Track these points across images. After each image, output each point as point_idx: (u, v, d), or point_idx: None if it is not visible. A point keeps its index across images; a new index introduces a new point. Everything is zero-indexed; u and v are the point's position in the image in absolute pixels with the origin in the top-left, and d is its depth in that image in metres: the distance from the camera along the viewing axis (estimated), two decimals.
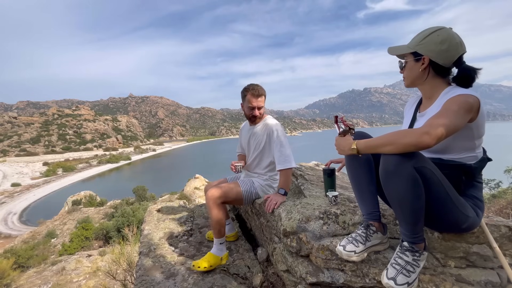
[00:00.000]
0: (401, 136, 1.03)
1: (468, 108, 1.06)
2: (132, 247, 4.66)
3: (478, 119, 1.11)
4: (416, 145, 1.00)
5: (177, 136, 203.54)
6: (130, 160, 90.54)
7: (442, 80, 1.24)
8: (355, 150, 1.16)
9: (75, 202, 28.20)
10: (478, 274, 1.25)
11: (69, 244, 16.92)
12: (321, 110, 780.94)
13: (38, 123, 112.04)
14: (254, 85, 2.05)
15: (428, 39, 1.19)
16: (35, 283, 8.26)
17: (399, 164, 1.05)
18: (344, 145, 1.22)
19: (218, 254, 1.90)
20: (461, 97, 1.09)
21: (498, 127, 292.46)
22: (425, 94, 1.32)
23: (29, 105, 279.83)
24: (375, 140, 1.11)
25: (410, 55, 1.26)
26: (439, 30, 1.18)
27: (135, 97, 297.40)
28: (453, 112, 1.05)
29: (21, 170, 70.60)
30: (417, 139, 0.99)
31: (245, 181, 2.12)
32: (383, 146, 1.07)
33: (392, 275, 1.10)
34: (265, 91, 2.05)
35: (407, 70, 1.29)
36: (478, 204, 1.20)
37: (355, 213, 1.49)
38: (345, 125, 1.30)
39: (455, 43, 1.16)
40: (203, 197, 18.17)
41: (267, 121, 2.10)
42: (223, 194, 1.93)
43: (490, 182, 10.17)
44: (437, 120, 1.03)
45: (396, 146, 1.04)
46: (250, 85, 2.05)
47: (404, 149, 1.03)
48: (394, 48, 1.33)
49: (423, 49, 1.20)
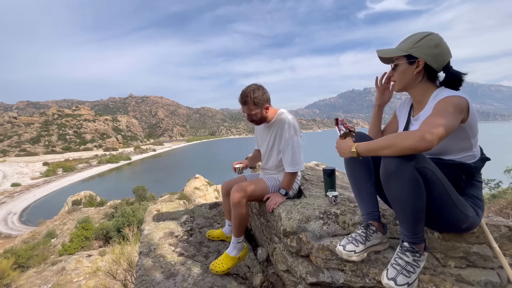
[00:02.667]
0: (400, 139, 1.04)
1: (460, 108, 1.07)
2: (132, 247, 4.66)
3: (469, 119, 1.12)
4: (414, 148, 1.01)
5: (177, 136, 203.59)
6: (130, 160, 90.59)
7: (432, 84, 1.25)
8: (355, 153, 1.17)
9: (75, 202, 28.23)
10: (478, 274, 1.25)
11: (69, 244, 16.94)
12: (321, 110, 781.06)
13: (38, 123, 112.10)
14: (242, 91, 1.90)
15: (422, 42, 1.19)
16: (35, 283, 8.26)
17: (400, 165, 1.05)
18: (345, 148, 1.23)
19: (236, 254, 1.87)
20: (452, 98, 1.10)
21: (498, 127, 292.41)
22: (415, 98, 1.32)
23: (29, 105, 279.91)
24: (374, 143, 1.12)
25: (403, 58, 1.24)
26: (431, 34, 1.19)
27: (135, 97, 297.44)
28: (447, 112, 1.05)
29: (21, 170, 70.64)
30: (415, 142, 1.00)
31: (269, 178, 2.03)
32: (382, 149, 1.08)
33: (392, 276, 1.10)
34: (253, 96, 1.86)
35: (399, 73, 1.28)
36: (478, 203, 1.21)
37: (355, 213, 1.49)
38: (346, 128, 1.30)
39: (446, 48, 1.19)
40: (203, 197, 18.19)
41: (281, 116, 1.95)
42: (250, 193, 1.87)
43: (490, 182, 10.17)
44: (433, 122, 1.03)
45: (395, 149, 1.04)
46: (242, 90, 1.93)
47: (402, 152, 1.04)
48: (385, 50, 1.32)
49: (418, 52, 1.19)
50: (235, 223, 1.85)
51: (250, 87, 1.89)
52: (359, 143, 1.18)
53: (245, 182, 1.97)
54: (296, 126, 1.92)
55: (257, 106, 1.89)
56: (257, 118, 1.95)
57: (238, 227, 1.85)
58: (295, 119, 1.97)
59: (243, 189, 1.84)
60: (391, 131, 1.54)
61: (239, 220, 1.84)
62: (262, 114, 1.94)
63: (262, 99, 1.89)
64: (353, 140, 1.25)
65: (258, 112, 1.92)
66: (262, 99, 1.89)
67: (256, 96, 1.87)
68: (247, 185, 1.89)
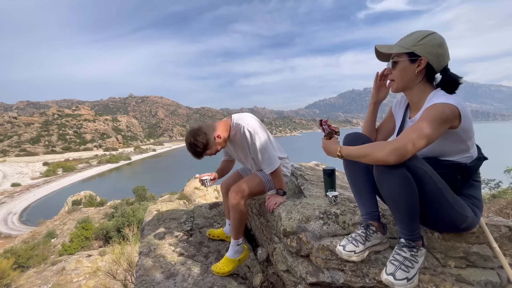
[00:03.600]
0: (374, 150, 1.09)
1: (443, 119, 1.05)
2: (132, 247, 4.66)
3: (462, 125, 1.09)
4: (384, 162, 1.06)
5: (177, 136, 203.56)
6: (130, 160, 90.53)
7: (430, 85, 1.22)
8: (340, 156, 1.23)
9: (75, 202, 28.21)
10: (478, 274, 1.25)
11: (69, 244, 16.93)
12: (321, 110, 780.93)
13: (38, 123, 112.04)
14: (187, 146, 1.82)
15: (425, 40, 1.16)
16: (35, 283, 8.26)
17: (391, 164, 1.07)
18: (332, 149, 1.28)
19: (235, 257, 1.86)
20: (437, 107, 1.07)
21: (498, 127, 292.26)
22: (411, 100, 1.29)
23: (29, 105, 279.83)
24: (355, 150, 1.17)
25: (404, 56, 1.20)
26: (434, 33, 1.16)
27: (135, 97, 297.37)
28: (427, 123, 1.04)
29: (21, 170, 70.61)
30: (385, 156, 1.05)
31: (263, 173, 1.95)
32: (360, 157, 1.14)
33: (391, 271, 1.11)
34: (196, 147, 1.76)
35: (399, 71, 1.23)
36: (476, 203, 1.20)
37: (355, 213, 1.49)
38: (330, 128, 1.34)
39: (447, 49, 1.17)
40: (203, 197, 18.18)
41: (236, 128, 1.85)
42: (249, 192, 1.84)
43: (490, 182, 10.17)
44: (410, 133, 1.05)
45: (369, 159, 1.11)
46: None
47: (375, 163, 1.10)
48: (385, 46, 1.27)
49: (421, 50, 1.15)
50: (234, 225, 1.84)
51: (187, 140, 1.80)
52: (343, 146, 1.23)
53: (241, 181, 1.93)
54: (253, 127, 1.80)
55: (209, 146, 1.80)
56: (220, 148, 1.89)
57: (236, 229, 1.84)
58: (252, 117, 1.89)
59: (241, 190, 1.83)
60: (386, 129, 1.54)
61: (238, 221, 1.83)
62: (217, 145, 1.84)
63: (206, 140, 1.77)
64: (337, 140, 1.32)
65: (214, 148, 1.84)
66: (206, 139, 1.78)
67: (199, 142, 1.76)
68: (244, 184, 1.87)
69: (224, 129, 1.87)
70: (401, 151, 1.02)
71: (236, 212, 1.81)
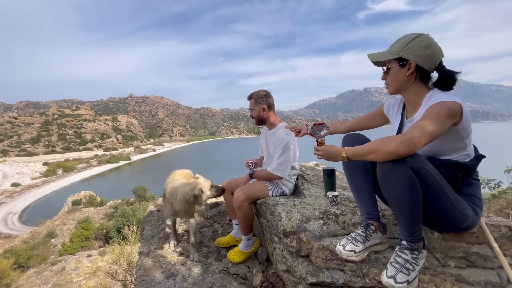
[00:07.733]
0: (382, 145, 1.06)
1: (449, 114, 1.06)
2: (132, 247, 4.66)
3: (462, 122, 1.11)
4: (394, 153, 1.03)
5: (177, 136, 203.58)
6: (130, 160, 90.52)
7: (425, 85, 1.24)
8: (346, 158, 1.19)
9: (75, 202, 28.23)
10: (478, 274, 1.25)
11: (69, 244, 16.93)
12: (321, 110, 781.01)
13: (38, 123, 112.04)
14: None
15: (412, 44, 1.18)
16: (35, 283, 8.25)
17: (396, 164, 1.06)
18: (335, 153, 1.23)
19: (247, 249, 2.04)
20: (442, 104, 1.09)
21: (498, 127, 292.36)
22: (408, 100, 1.32)
23: (29, 105, 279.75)
24: (361, 148, 1.14)
25: (394, 61, 1.23)
26: (421, 35, 1.18)
27: (135, 97, 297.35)
28: (437, 118, 1.05)
29: (21, 170, 70.61)
30: (395, 148, 1.02)
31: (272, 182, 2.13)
32: (367, 154, 1.11)
33: (391, 274, 1.11)
34: (255, 94, 2.14)
35: (392, 76, 1.27)
36: (477, 202, 1.21)
37: (355, 213, 1.49)
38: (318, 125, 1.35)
39: (437, 48, 1.18)
40: None
41: (279, 131, 2.09)
42: (252, 195, 2.03)
43: (490, 182, 10.17)
44: (421, 126, 1.04)
45: (378, 154, 1.07)
46: None
47: (385, 157, 1.06)
48: (376, 54, 1.31)
49: (409, 54, 1.18)
50: (241, 224, 1.99)
51: (261, 89, 2.17)
52: (348, 147, 1.20)
53: (247, 184, 2.13)
54: (290, 138, 2.01)
55: (256, 104, 2.14)
56: (255, 115, 2.17)
57: (245, 227, 1.99)
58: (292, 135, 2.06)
59: (245, 192, 1.99)
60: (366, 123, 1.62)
61: (245, 220, 1.97)
62: (259, 113, 2.15)
63: (262, 99, 2.13)
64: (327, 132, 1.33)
65: (256, 109, 2.15)
66: (262, 100, 2.13)
67: (258, 95, 2.13)
68: (249, 188, 2.05)
69: (273, 117, 2.19)
70: (412, 142, 1.01)
71: (241, 212, 1.95)
